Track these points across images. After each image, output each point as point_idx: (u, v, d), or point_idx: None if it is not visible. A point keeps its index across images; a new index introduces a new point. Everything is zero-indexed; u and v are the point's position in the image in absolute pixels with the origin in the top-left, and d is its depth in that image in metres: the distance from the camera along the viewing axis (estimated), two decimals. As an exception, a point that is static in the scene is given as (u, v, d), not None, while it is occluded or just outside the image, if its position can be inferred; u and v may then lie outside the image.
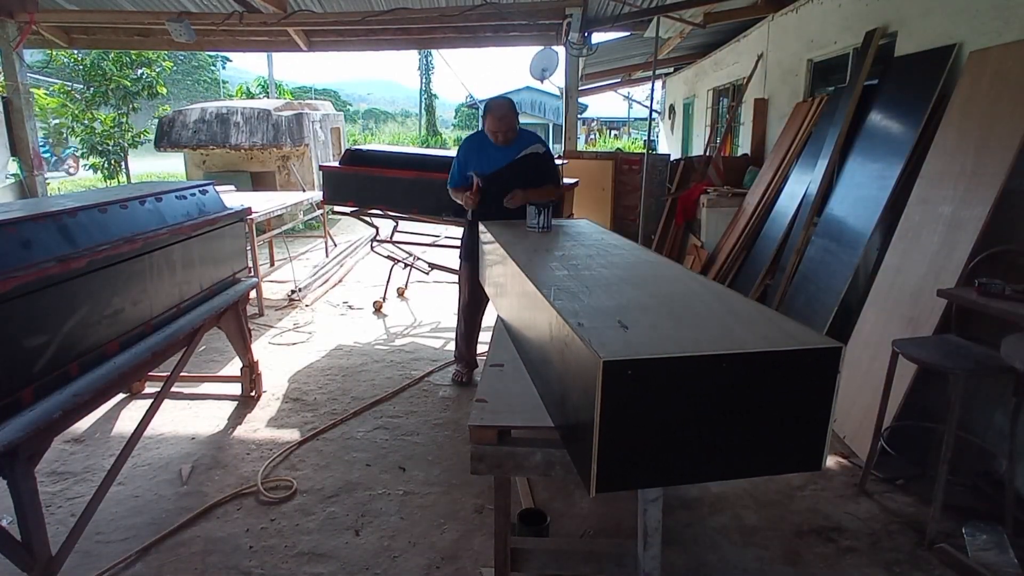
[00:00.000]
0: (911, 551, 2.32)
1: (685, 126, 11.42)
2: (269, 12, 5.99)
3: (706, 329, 1.42)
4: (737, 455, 1.35)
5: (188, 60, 29.30)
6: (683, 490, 2.70)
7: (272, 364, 4.22)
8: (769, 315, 1.52)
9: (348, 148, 5.14)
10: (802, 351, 1.32)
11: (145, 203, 2.76)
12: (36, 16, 6.35)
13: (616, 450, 1.27)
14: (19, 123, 6.68)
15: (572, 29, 5.83)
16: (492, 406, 1.79)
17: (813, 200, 4.20)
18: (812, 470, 1.40)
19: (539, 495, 2.69)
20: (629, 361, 1.23)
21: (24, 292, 1.88)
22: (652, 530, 1.75)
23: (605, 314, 1.50)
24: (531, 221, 2.89)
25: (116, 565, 2.26)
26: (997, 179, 2.68)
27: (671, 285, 1.84)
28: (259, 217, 5.34)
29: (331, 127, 11.39)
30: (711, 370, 1.27)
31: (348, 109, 34.80)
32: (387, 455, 3.05)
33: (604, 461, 1.27)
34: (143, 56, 10.50)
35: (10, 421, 1.82)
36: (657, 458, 1.32)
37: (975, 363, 2.30)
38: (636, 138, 27.59)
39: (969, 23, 3.20)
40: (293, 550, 2.36)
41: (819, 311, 3.68)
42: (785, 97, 5.83)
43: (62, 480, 2.83)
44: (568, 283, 1.80)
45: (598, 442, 1.25)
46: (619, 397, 1.23)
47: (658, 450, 1.31)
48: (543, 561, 2.02)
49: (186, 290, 2.96)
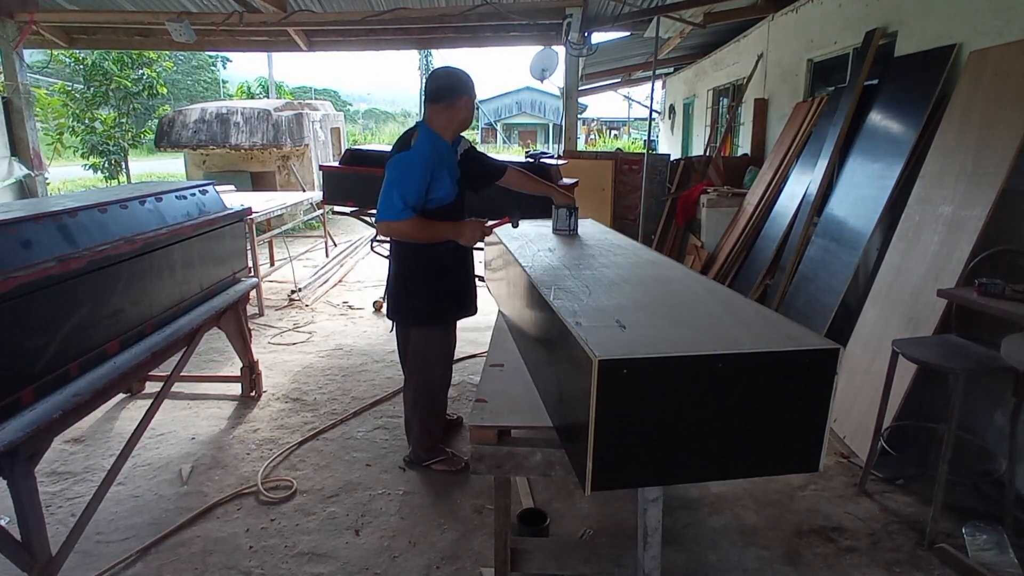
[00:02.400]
0: (911, 551, 2.32)
1: (685, 126, 11.41)
2: (269, 12, 5.98)
3: (704, 329, 1.43)
4: (734, 455, 1.36)
5: (188, 60, 29.30)
6: (683, 490, 2.70)
7: (272, 364, 4.22)
8: (768, 316, 1.52)
9: (348, 148, 5.14)
10: (800, 352, 1.32)
11: (145, 203, 2.76)
12: (36, 16, 6.35)
13: (612, 449, 1.28)
14: (19, 123, 6.68)
15: (572, 29, 5.83)
16: (492, 406, 1.79)
17: (813, 200, 4.20)
18: (810, 471, 1.40)
19: (539, 495, 2.69)
20: (625, 360, 1.23)
21: (24, 292, 1.87)
22: (652, 530, 1.75)
23: (604, 313, 1.50)
24: (560, 224, 2.74)
25: (116, 565, 2.26)
26: (997, 179, 2.68)
27: (671, 285, 1.84)
28: (259, 217, 5.34)
29: (331, 127, 11.40)
30: (707, 370, 1.27)
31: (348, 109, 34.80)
32: (387, 455, 3.05)
33: (600, 460, 1.28)
34: (143, 56, 10.51)
35: (10, 421, 1.82)
36: (653, 457, 1.32)
37: (975, 363, 2.30)
38: (636, 138, 27.60)
39: (969, 23, 3.20)
40: (293, 550, 2.36)
41: (819, 311, 3.68)
42: (785, 97, 5.83)
43: (62, 480, 2.83)
44: (569, 282, 1.81)
45: (594, 441, 1.26)
46: (615, 396, 1.24)
47: (654, 449, 1.31)
48: (543, 561, 2.02)
49: (186, 290, 2.96)
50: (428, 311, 2.67)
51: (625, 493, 2.57)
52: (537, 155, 4.71)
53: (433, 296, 2.64)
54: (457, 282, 2.70)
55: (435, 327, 2.70)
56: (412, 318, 2.72)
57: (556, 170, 4.52)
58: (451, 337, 2.81)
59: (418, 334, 2.71)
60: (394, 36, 7.33)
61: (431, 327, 2.69)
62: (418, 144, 2.42)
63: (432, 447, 2.86)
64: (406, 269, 2.64)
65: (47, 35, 7.03)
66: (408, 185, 2.33)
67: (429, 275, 2.62)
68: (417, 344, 2.72)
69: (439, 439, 2.90)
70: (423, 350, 2.71)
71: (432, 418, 2.81)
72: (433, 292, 2.64)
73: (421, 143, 2.43)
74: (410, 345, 2.76)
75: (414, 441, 2.88)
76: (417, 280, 2.63)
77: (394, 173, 2.35)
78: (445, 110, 2.47)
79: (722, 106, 8.78)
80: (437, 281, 2.63)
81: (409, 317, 2.73)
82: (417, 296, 2.65)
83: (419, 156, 2.38)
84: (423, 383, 2.75)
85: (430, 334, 2.70)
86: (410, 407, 2.82)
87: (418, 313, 2.69)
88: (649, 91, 6.37)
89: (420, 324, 2.70)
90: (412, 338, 2.74)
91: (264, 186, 9.99)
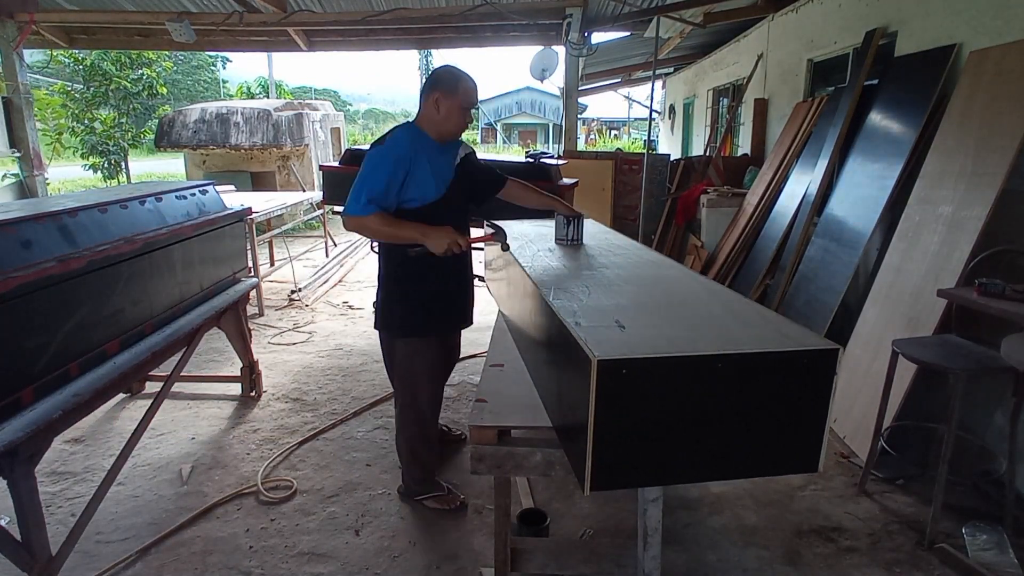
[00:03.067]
0: (911, 551, 2.32)
1: (685, 126, 11.41)
2: (269, 12, 5.98)
3: (703, 329, 1.42)
4: (734, 455, 1.35)
5: (188, 60, 29.30)
6: (683, 490, 2.70)
7: (272, 364, 4.22)
8: (768, 316, 1.52)
9: (348, 148, 5.14)
10: (799, 352, 1.31)
11: (145, 203, 2.76)
12: (36, 16, 6.35)
13: (610, 449, 1.28)
14: (19, 123, 6.68)
15: (572, 29, 5.83)
16: (492, 406, 1.79)
17: (813, 200, 4.20)
18: (809, 471, 1.40)
19: (539, 495, 2.69)
20: (624, 360, 1.23)
21: (24, 292, 1.87)
22: (652, 530, 1.75)
23: (603, 313, 1.50)
24: (559, 233, 2.44)
25: (116, 565, 2.26)
26: (997, 179, 2.68)
27: (671, 285, 1.84)
28: (259, 217, 5.34)
29: (331, 127, 11.40)
30: (706, 370, 1.27)
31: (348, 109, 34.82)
32: (387, 455, 3.05)
33: (599, 460, 1.28)
34: (143, 56, 10.51)
35: (10, 421, 1.82)
36: (652, 457, 1.32)
37: (975, 363, 2.30)
38: (636, 138, 27.61)
39: (969, 23, 3.20)
40: (293, 550, 2.36)
41: (819, 311, 3.68)
42: (785, 97, 5.83)
43: (62, 480, 2.83)
44: (568, 282, 1.81)
45: (592, 441, 1.26)
46: (613, 396, 1.24)
47: (653, 450, 1.31)
48: (543, 561, 2.02)
49: (186, 290, 2.96)
50: (403, 320, 2.42)
51: (625, 493, 2.57)
52: (537, 155, 4.70)
53: (410, 303, 2.39)
54: (440, 290, 2.41)
55: (417, 338, 2.43)
56: (388, 327, 2.49)
57: (556, 170, 4.52)
58: (437, 351, 2.49)
59: (401, 346, 2.46)
60: (394, 36, 7.33)
61: (413, 338, 2.43)
62: (392, 139, 2.28)
63: (423, 478, 2.59)
64: (383, 272, 2.44)
65: (47, 35, 7.03)
66: (374, 180, 2.18)
67: (405, 279, 2.37)
68: (400, 356, 2.47)
69: (432, 469, 2.63)
70: (405, 363, 2.46)
71: (421, 444, 2.54)
72: (409, 298, 2.39)
73: (396, 138, 2.28)
74: (395, 357, 2.53)
75: (404, 470, 2.65)
76: (392, 284, 2.41)
77: (365, 167, 2.22)
78: (426, 106, 2.31)
79: (722, 106, 8.79)
80: (413, 286, 2.37)
81: (387, 326, 2.50)
82: (391, 302, 2.43)
83: (390, 151, 2.23)
84: (409, 402, 2.49)
85: (412, 346, 2.43)
86: (398, 429, 2.58)
87: (393, 321, 2.45)
88: (649, 91, 6.37)
89: (396, 334, 2.47)
90: (396, 350, 2.50)
91: (264, 186, 9.99)
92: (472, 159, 2.53)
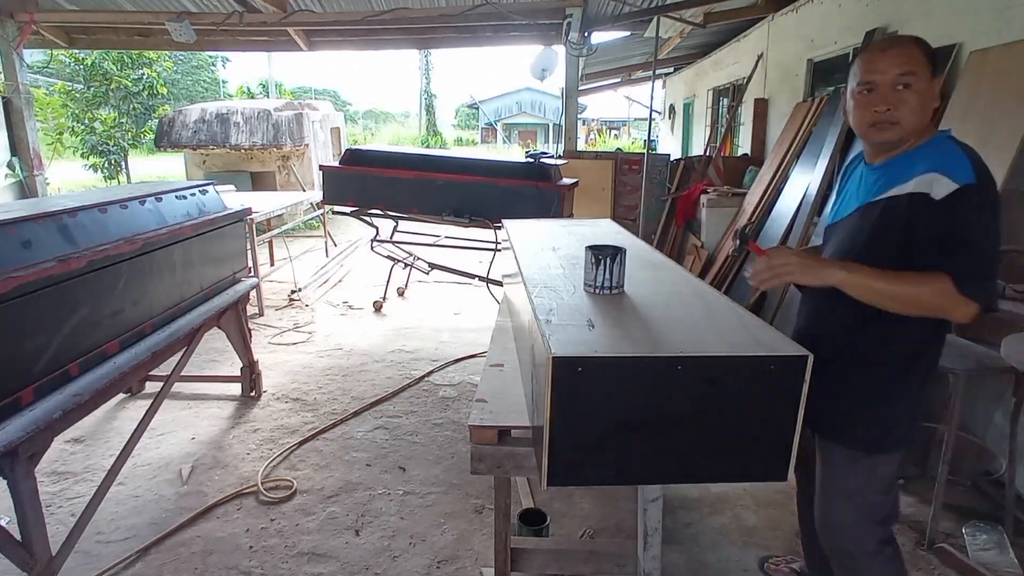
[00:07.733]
0: (911, 551, 2.32)
1: (685, 126, 11.42)
2: (269, 12, 5.99)
3: (674, 332, 1.41)
4: (698, 460, 1.34)
5: (188, 60, 29.28)
6: (683, 490, 2.71)
7: (272, 364, 4.22)
8: (748, 321, 1.49)
9: (348, 148, 5.14)
10: (765, 358, 1.28)
11: (145, 203, 2.76)
12: (36, 16, 6.35)
13: (566, 445, 1.28)
14: (19, 123, 6.68)
15: (572, 29, 5.84)
16: (492, 406, 1.79)
17: (813, 200, 4.20)
18: (778, 480, 1.36)
19: (539, 495, 2.69)
20: (579, 359, 1.23)
21: (24, 292, 1.87)
22: (652, 530, 1.75)
23: (579, 312, 1.50)
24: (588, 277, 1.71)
25: (116, 565, 2.26)
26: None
27: (661, 287, 1.83)
28: (259, 217, 5.34)
29: (331, 127, 11.40)
30: (666, 372, 1.26)
31: (348, 109, 34.81)
32: (387, 455, 3.05)
33: (554, 455, 1.28)
34: (143, 56, 10.51)
35: (10, 421, 1.82)
36: (610, 456, 1.31)
37: (975, 363, 2.30)
38: (636, 138, 27.61)
39: (969, 23, 3.20)
40: (293, 550, 2.37)
41: (819, 311, 3.67)
42: (785, 97, 5.83)
43: (62, 480, 2.83)
44: (558, 281, 1.80)
45: (548, 436, 1.27)
46: (569, 393, 1.24)
47: (611, 448, 1.30)
48: (543, 561, 2.03)
49: (186, 290, 2.96)
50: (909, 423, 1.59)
51: (625, 493, 2.57)
52: (537, 155, 4.71)
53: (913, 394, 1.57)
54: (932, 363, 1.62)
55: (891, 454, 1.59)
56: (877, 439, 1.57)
57: (556, 170, 4.52)
58: None
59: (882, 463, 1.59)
60: (394, 36, 7.33)
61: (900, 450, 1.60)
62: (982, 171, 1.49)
63: None
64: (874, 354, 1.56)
65: (47, 35, 7.03)
66: None
67: (915, 358, 1.57)
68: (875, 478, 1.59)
69: None
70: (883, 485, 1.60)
71: None
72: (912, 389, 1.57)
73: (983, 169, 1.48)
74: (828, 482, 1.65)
75: None
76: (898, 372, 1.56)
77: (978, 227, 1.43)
78: None
79: (722, 106, 8.79)
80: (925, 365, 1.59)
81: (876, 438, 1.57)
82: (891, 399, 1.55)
83: None
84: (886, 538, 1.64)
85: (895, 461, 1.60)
86: None
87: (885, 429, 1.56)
88: (649, 91, 6.38)
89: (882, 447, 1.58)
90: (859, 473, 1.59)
91: (264, 186, 9.99)
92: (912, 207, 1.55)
